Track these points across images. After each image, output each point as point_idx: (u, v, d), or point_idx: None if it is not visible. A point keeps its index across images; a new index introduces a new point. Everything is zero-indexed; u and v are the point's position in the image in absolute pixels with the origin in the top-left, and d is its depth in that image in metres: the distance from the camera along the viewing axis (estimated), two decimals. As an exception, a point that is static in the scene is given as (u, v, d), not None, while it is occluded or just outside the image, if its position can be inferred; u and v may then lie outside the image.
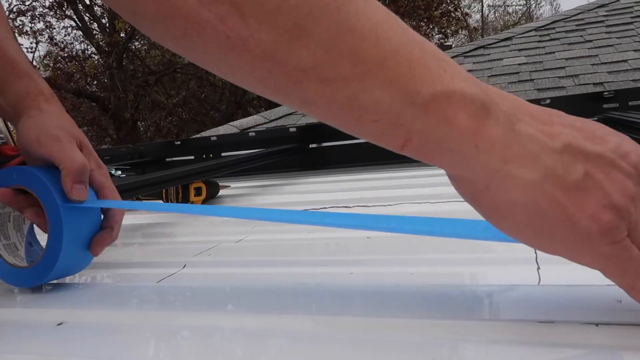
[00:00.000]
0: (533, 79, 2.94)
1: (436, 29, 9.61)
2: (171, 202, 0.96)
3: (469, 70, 3.32)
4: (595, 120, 1.16)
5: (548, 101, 1.22)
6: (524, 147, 0.27)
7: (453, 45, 8.98)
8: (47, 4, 9.30)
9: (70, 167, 0.46)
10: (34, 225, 0.53)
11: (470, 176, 0.28)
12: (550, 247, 0.28)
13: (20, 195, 0.48)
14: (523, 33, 3.81)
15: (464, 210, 0.67)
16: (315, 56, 0.26)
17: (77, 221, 0.47)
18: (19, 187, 0.48)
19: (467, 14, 11.84)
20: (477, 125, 0.26)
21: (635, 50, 2.99)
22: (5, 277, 0.50)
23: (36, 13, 9.22)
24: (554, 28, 3.76)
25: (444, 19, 9.31)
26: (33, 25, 9.30)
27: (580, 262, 0.29)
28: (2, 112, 0.50)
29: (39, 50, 20.74)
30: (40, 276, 0.48)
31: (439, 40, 9.77)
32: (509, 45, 3.62)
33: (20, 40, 9.16)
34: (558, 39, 3.52)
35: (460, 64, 3.50)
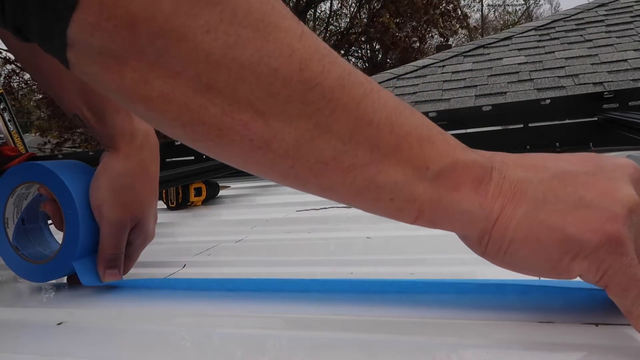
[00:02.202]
0: (533, 79, 2.94)
1: (434, 30, 9.62)
2: (171, 202, 0.96)
3: (469, 70, 3.32)
4: (595, 120, 1.16)
5: (548, 101, 1.22)
6: (514, 189, 0.28)
7: (453, 45, 8.98)
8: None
9: (105, 253, 0.48)
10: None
11: (476, 233, 0.30)
12: (565, 272, 0.29)
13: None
14: (523, 32, 3.81)
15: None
16: (335, 148, 0.27)
17: (94, 227, 0.48)
18: (36, 183, 0.48)
19: (466, 14, 11.85)
20: (478, 186, 0.29)
21: (635, 50, 2.99)
22: (20, 271, 0.51)
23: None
24: (553, 27, 3.76)
25: (443, 18, 9.31)
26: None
27: (591, 281, 0.29)
28: (102, 140, 0.50)
29: (38, 50, 20.68)
30: (51, 274, 0.49)
31: (438, 40, 9.77)
32: (508, 45, 3.62)
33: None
34: (558, 38, 3.52)
35: (460, 63, 3.51)
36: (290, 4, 10.08)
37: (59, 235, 0.50)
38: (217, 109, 0.25)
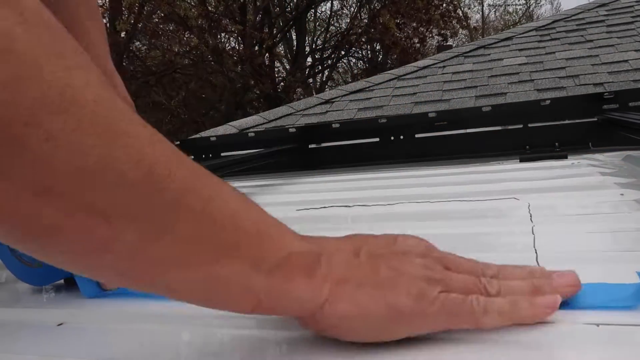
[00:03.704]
0: (533, 79, 2.94)
1: (435, 31, 9.61)
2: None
3: (469, 71, 3.32)
4: (595, 120, 1.16)
5: (548, 102, 1.22)
6: (338, 272, 0.32)
7: (453, 45, 8.97)
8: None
9: None
10: None
11: (309, 314, 0.32)
12: (397, 333, 0.33)
13: None
14: (523, 33, 3.81)
15: (463, 209, 0.68)
16: (178, 248, 0.27)
17: None
18: None
19: (466, 14, 11.83)
20: (311, 273, 0.31)
21: (635, 50, 2.99)
22: (19, 274, 0.51)
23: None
24: (554, 28, 3.76)
25: (444, 19, 9.30)
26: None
27: (433, 330, 0.33)
28: None
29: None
30: (50, 276, 0.49)
31: (438, 40, 9.76)
32: (509, 45, 3.62)
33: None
34: (558, 38, 3.52)
35: (460, 64, 3.51)
36: (291, 4, 10.08)
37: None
38: (53, 210, 0.24)
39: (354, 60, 11.88)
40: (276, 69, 10.64)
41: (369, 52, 11.38)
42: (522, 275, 0.36)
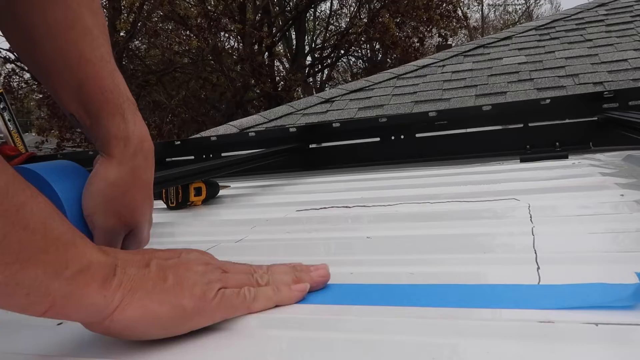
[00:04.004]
0: (533, 78, 2.94)
1: (434, 30, 9.61)
2: (171, 202, 0.96)
3: (469, 70, 3.32)
4: (595, 119, 1.16)
5: (548, 101, 1.22)
6: (131, 282, 0.35)
7: (453, 45, 8.96)
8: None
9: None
10: None
11: (100, 319, 0.34)
12: (183, 329, 0.37)
13: None
14: (523, 32, 3.81)
15: (463, 209, 0.68)
16: None
17: (87, 234, 0.48)
18: None
19: (466, 14, 11.81)
20: (104, 281, 0.34)
21: (635, 50, 2.99)
22: None
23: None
24: (553, 27, 3.76)
25: (443, 19, 9.30)
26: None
27: (214, 322, 0.38)
28: (96, 143, 0.49)
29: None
30: None
31: (438, 41, 9.76)
32: (508, 45, 3.62)
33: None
34: (558, 38, 3.52)
35: (460, 63, 3.51)
36: (291, 3, 10.08)
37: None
38: None
39: (353, 60, 11.88)
40: (276, 68, 10.64)
41: (368, 51, 11.39)
42: (286, 270, 0.44)
